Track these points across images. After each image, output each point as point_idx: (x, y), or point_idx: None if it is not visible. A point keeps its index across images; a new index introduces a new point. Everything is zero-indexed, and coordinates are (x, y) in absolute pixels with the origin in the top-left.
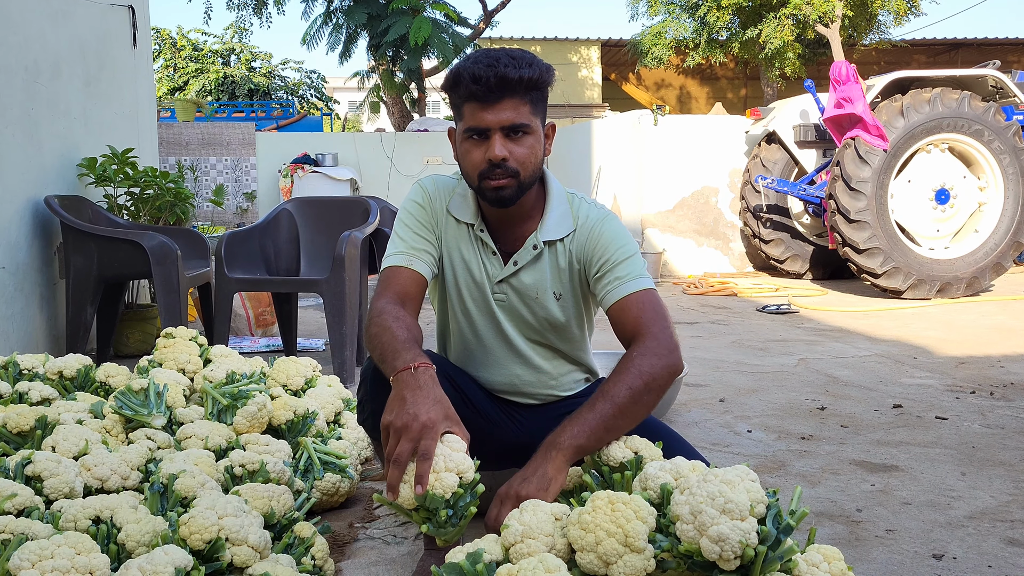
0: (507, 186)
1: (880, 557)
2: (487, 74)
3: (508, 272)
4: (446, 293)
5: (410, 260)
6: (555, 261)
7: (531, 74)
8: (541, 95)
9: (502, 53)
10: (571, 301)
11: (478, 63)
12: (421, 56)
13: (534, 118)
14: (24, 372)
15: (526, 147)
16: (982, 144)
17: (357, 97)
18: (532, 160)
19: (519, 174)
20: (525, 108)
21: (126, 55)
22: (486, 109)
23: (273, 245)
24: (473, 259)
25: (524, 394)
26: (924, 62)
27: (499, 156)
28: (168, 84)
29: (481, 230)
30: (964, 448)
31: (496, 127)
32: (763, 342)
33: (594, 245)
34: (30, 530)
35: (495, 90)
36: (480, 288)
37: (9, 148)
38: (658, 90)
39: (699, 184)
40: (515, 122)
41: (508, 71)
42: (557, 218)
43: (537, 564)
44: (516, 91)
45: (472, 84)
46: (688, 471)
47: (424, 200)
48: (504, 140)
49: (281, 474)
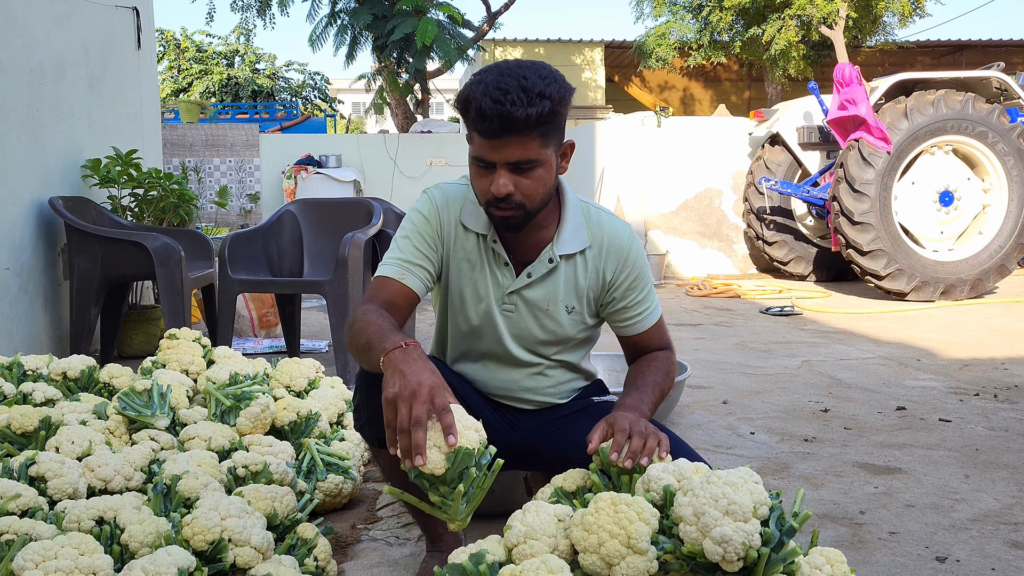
0: (513, 215)
1: (883, 559)
2: (492, 113)
3: (520, 284)
4: (448, 300)
5: (403, 274)
6: (572, 275)
7: (540, 110)
8: (554, 125)
9: (514, 81)
10: (583, 315)
11: (487, 94)
12: (426, 57)
13: (544, 150)
14: (28, 373)
15: (533, 179)
16: (986, 146)
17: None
18: (540, 190)
19: (525, 206)
20: (533, 143)
21: (130, 56)
22: (491, 145)
23: (277, 246)
24: (483, 269)
25: (522, 400)
26: (928, 64)
27: (502, 192)
28: (172, 86)
29: (494, 241)
30: (968, 451)
31: (501, 163)
32: (766, 344)
33: (626, 272)
34: (34, 531)
35: (498, 131)
36: (487, 299)
37: (14, 149)
38: (661, 92)
39: (702, 186)
40: (521, 159)
41: (514, 111)
42: (572, 231)
43: (540, 565)
44: (522, 130)
45: (477, 119)
46: (691, 473)
47: (430, 212)
48: (509, 174)
49: (284, 475)
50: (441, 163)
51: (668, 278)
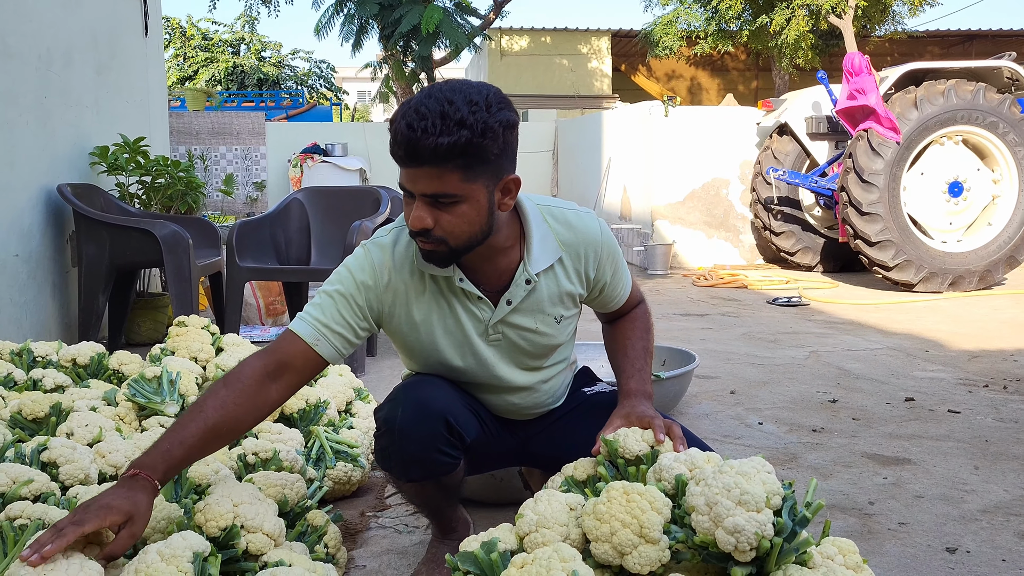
0: (436, 251)
1: (893, 550)
2: (402, 139)
3: (503, 313)
4: (418, 352)
5: (317, 340)
6: (554, 286)
7: (454, 140)
8: (479, 159)
9: (436, 105)
10: (571, 318)
11: (404, 117)
12: (432, 45)
13: (467, 184)
14: (38, 359)
15: (456, 215)
16: (997, 136)
17: (366, 87)
18: (466, 228)
19: (447, 242)
20: (452, 176)
21: (137, 44)
22: (405, 175)
23: (284, 234)
24: (459, 311)
25: (521, 415)
26: (938, 53)
27: (417, 227)
28: (178, 73)
29: (460, 280)
30: (977, 442)
31: (417, 193)
32: (774, 335)
33: (606, 263)
34: (47, 516)
35: (408, 159)
36: (468, 340)
37: (22, 136)
38: (669, 81)
39: (709, 176)
40: (436, 191)
41: (423, 139)
42: (540, 245)
43: (552, 554)
44: (433, 161)
45: (392, 145)
46: (703, 462)
47: (368, 275)
48: (429, 208)
49: (294, 462)
50: None
51: (675, 268)
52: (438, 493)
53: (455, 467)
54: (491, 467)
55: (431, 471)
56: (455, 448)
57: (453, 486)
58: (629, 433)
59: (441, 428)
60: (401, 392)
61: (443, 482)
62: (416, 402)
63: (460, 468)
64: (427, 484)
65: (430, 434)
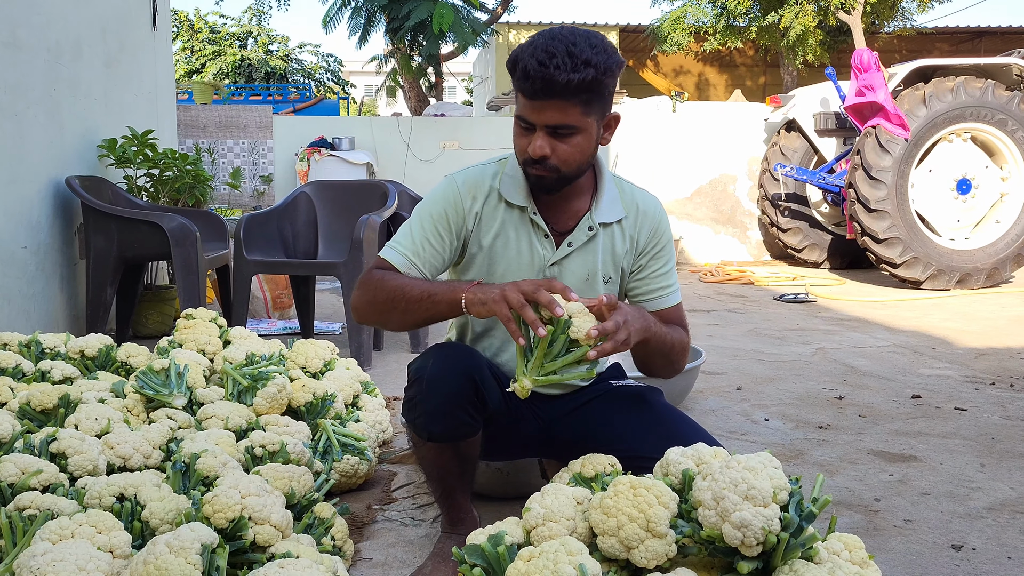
0: (547, 177)
1: (899, 547)
2: (536, 74)
3: (561, 254)
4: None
5: (408, 268)
6: (610, 244)
7: (583, 77)
8: (597, 94)
9: (562, 45)
10: (617, 285)
11: (534, 55)
12: (440, 41)
13: (585, 118)
14: (46, 351)
15: (571, 145)
16: (1005, 134)
17: (373, 81)
18: (577, 157)
19: (560, 170)
20: (574, 110)
21: (146, 36)
22: (533, 105)
23: (291, 228)
24: (524, 243)
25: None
26: (947, 50)
27: (538, 154)
28: (185, 67)
29: (534, 213)
30: (983, 439)
31: (540, 125)
32: (780, 331)
33: (656, 240)
34: (56, 506)
35: (540, 92)
36: (527, 274)
37: (31, 128)
38: (676, 77)
39: (717, 172)
40: (560, 123)
41: (556, 75)
42: (609, 200)
43: (559, 547)
44: (563, 94)
45: (522, 79)
46: (710, 457)
47: (453, 198)
48: (548, 137)
49: (301, 455)
50: (454, 146)
51: (681, 264)
52: (454, 464)
53: (475, 431)
54: (512, 453)
55: (452, 429)
56: (477, 410)
57: (469, 459)
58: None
59: (468, 386)
60: (434, 348)
61: (461, 450)
62: (447, 357)
63: (478, 438)
64: (446, 449)
65: (457, 389)
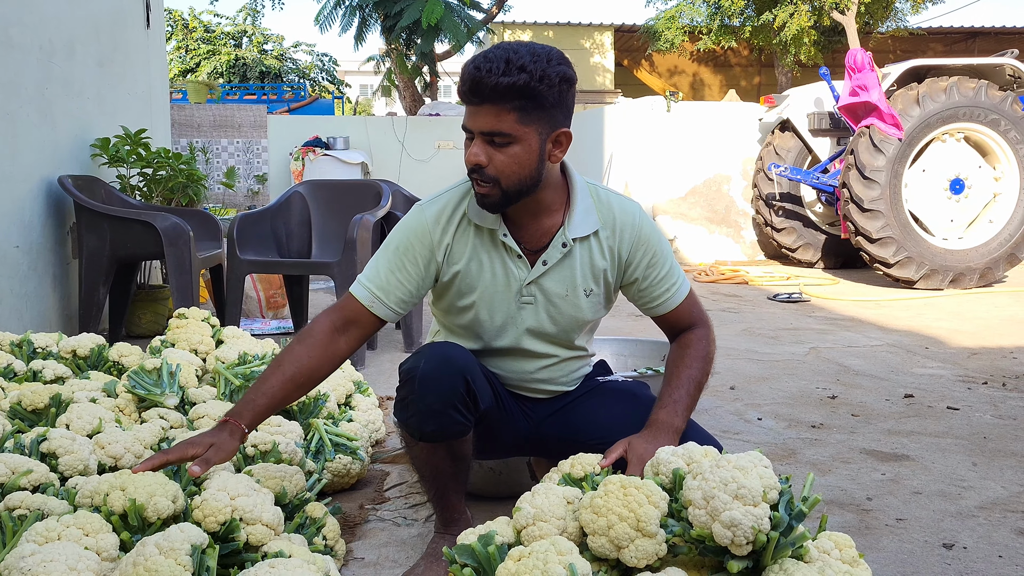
0: (488, 194)
1: (890, 546)
2: (468, 76)
3: (537, 273)
4: (455, 309)
5: (372, 303)
6: (588, 258)
7: (513, 81)
8: (535, 103)
9: (504, 53)
10: (600, 297)
11: (475, 60)
12: (434, 39)
13: (522, 127)
14: (38, 350)
15: (508, 156)
16: (998, 134)
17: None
18: (516, 170)
19: (499, 182)
20: (509, 116)
21: (140, 36)
22: (468, 112)
23: (285, 227)
24: (497, 265)
25: (536, 390)
26: (941, 51)
27: (472, 162)
28: (179, 66)
29: (504, 235)
30: (975, 438)
31: (477, 131)
32: (774, 330)
33: (642, 249)
34: (46, 506)
35: (471, 94)
36: (503, 296)
37: (24, 127)
38: (671, 77)
39: (711, 172)
40: (493, 130)
41: (487, 78)
42: (582, 213)
43: (549, 547)
44: (493, 98)
45: (460, 84)
46: (700, 456)
47: (420, 232)
48: (484, 145)
49: (293, 455)
50: (449, 146)
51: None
52: (447, 464)
53: (467, 430)
54: (503, 452)
55: (445, 428)
56: (469, 410)
57: (463, 458)
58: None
59: (460, 385)
60: (426, 348)
61: (454, 449)
62: (439, 356)
63: (470, 438)
64: (439, 449)
65: (449, 388)
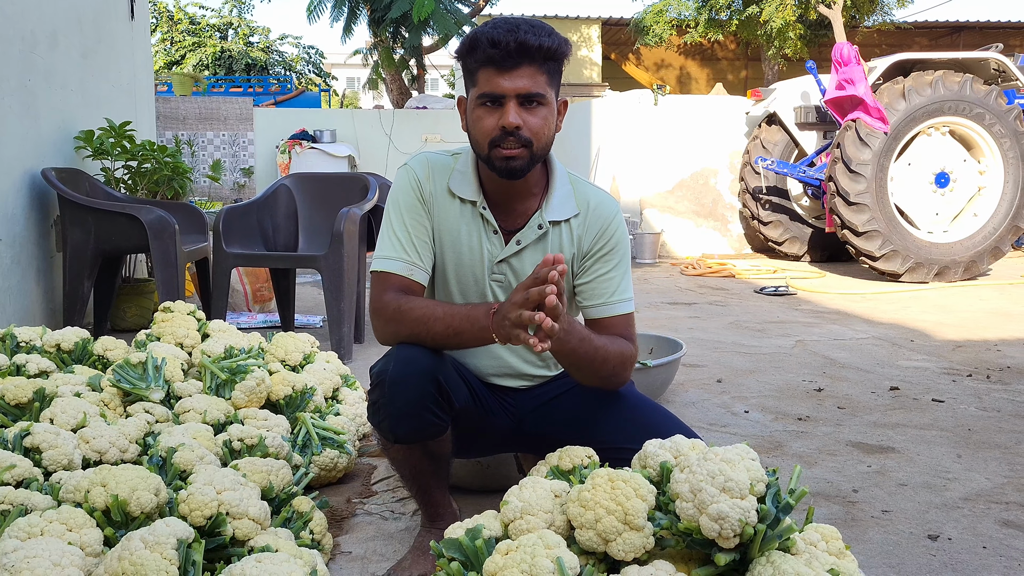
0: (518, 156)
1: (876, 537)
2: (507, 39)
3: (509, 252)
4: (434, 276)
5: (411, 270)
6: (559, 242)
7: (551, 43)
8: (557, 67)
9: (521, 21)
10: (568, 283)
11: (497, 28)
12: (422, 33)
13: (549, 89)
14: (22, 344)
15: (540, 118)
16: (983, 128)
17: (355, 74)
18: (545, 132)
19: (532, 144)
20: (542, 78)
21: (124, 27)
22: (502, 75)
23: (271, 221)
24: (473, 239)
25: (514, 377)
26: (926, 45)
27: (513, 124)
28: (164, 58)
29: (484, 207)
30: (960, 431)
31: (512, 94)
32: (761, 324)
33: (603, 242)
34: (29, 501)
35: (513, 55)
36: (477, 269)
37: (6, 119)
38: (658, 70)
39: (699, 165)
40: (531, 91)
41: (528, 37)
42: (561, 198)
43: (536, 540)
44: (534, 59)
45: (490, 48)
46: (688, 449)
47: (416, 187)
48: (519, 108)
49: (280, 449)
50: (436, 139)
51: (663, 257)
52: (426, 463)
53: (442, 430)
54: (484, 450)
55: (419, 430)
56: (443, 410)
57: (441, 457)
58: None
59: (431, 386)
60: (395, 350)
61: (431, 449)
62: (408, 359)
63: (447, 436)
64: (415, 449)
65: (420, 390)
